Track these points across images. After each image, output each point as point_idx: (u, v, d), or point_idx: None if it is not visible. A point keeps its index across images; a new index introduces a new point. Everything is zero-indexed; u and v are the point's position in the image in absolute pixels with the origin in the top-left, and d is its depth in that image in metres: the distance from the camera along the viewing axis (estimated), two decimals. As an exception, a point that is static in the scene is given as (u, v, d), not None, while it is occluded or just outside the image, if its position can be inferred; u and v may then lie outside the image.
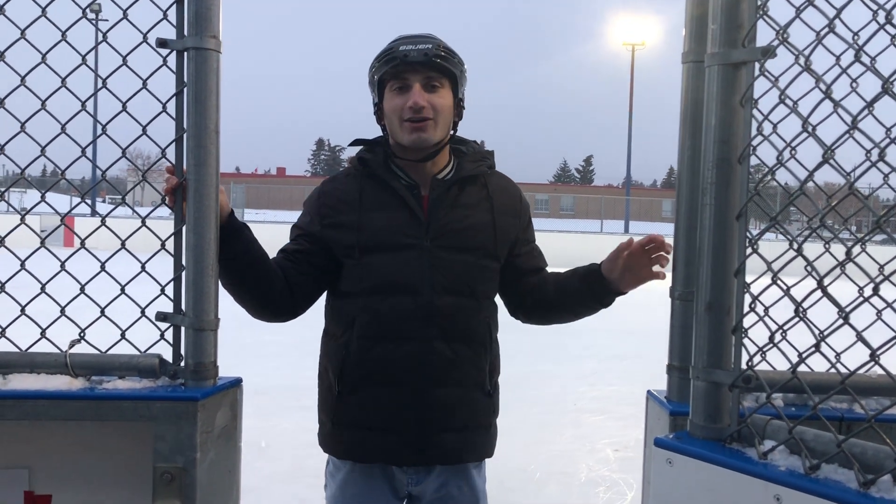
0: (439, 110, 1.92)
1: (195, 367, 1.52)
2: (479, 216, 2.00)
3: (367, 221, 1.95)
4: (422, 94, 1.89)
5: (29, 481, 1.55)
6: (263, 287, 1.88)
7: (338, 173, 2.10)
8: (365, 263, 1.93)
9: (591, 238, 24.67)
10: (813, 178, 1.27)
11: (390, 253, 1.93)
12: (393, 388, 1.93)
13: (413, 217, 1.94)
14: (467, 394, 1.98)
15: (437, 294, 1.91)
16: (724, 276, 1.27)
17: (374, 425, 1.94)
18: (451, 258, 1.94)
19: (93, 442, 1.56)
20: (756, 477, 1.13)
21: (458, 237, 1.96)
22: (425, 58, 1.87)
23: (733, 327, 1.27)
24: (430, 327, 1.91)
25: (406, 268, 1.91)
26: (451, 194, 1.99)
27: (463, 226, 1.97)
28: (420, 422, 1.92)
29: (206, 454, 1.47)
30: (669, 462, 1.26)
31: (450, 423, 1.95)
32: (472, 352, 1.97)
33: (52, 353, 1.53)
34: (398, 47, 1.89)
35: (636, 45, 39.88)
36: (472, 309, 1.98)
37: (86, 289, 1.56)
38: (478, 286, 1.99)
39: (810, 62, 1.21)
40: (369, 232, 1.94)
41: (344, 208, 1.98)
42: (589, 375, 7.67)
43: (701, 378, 1.29)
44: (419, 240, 1.93)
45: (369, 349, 1.93)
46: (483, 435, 2.03)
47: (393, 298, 1.92)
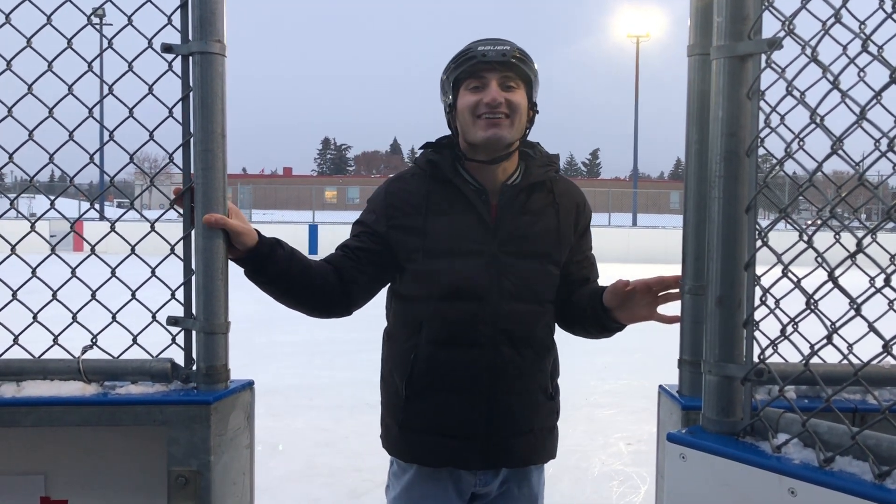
0: (515, 108, 1.91)
1: (207, 371, 1.52)
2: (546, 222, 2.00)
3: (432, 225, 1.94)
4: (499, 90, 1.89)
5: (45, 487, 1.56)
6: (309, 296, 1.89)
7: (403, 172, 2.09)
8: (430, 269, 1.93)
9: (599, 231, 24.54)
10: (822, 169, 1.27)
11: (457, 258, 1.92)
12: (462, 394, 1.94)
13: (480, 222, 1.94)
14: (532, 398, 2.00)
15: (504, 300, 1.92)
16: (735, 269, 1.26)
17: (442, 430, 1.96)
18: (517, 264, 1.94)
19: (107, 447, 1.57)
20: (770, 470, 1.13)
21: (525, 243, 1.96)
22: (503, 58, 1.88)
23: (744, 321, 1.26)
24: (497, 333, 1.93)
25: (473, 274, 1.92)
26: (519, 200, 1.98)
27: (530, 232, 1.97)
28: (488, 427, 1.94)
29: (219, 457, 1.47)
30: (682, 457, 1.25)
31: (516, 427, 1.97)
32: (536, 356, 2.00)
33: (64, 359, 1.54)
34: (476, 48, 1.90)
35: (641, 37, 39.75)
36: (537, 314, 1.99)
37: (97, 294, 1.56)
38: (542, 292, 2.00)
39: (817, 53, 1.20)
40: (435, 236, 1.93)
41: (410, 210, 1.96)
42: (601, 370, 7.66)
43: (713, 372, 1.28)
44: (486, 246, 1.93)
45: (438, 354, 1.94)
46: (547, 438, 2.06)
47: (460, 304, 1.92)
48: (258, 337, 8.89)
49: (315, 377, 7.09)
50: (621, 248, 22.84)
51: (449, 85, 1.96)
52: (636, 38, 39.64)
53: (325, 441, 5.20)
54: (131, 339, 1.59)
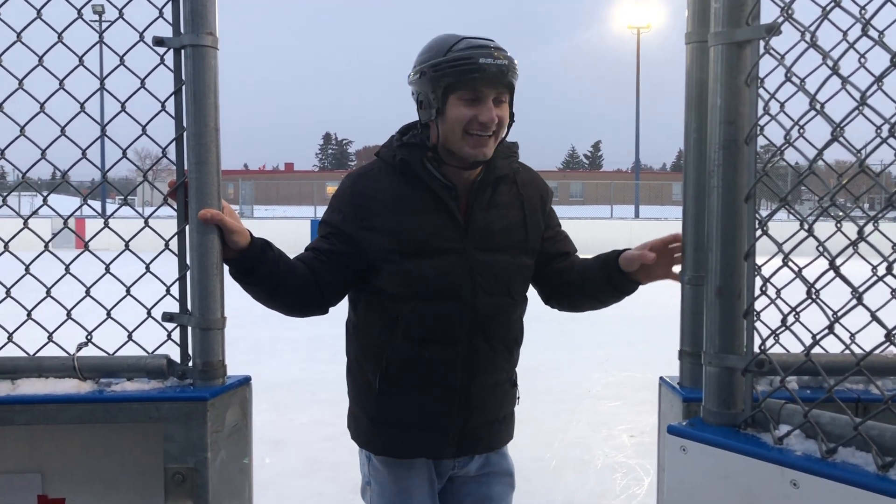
0: (502, 125, 1.91)
1: (203, 367, 1.51)
2: (513, 214, 2.01)
3: (405, 225, 1.92)
4: (493, 109, 1.86)
5: (42, 485, 1.55)
6: (291, 298, 1.88)
7: (368, 168, 2.03)
8: (406, 268, 1.91)
9: (602, 224, 24.57)
10: (822, 157, 1.25)
11: (432, 258, 1.92)
12: (437, 389, 1.97)
13: (452, 220, 1.93)
14: (501, 388, 2.07)
15: (479, 296, 1.94)
16: (734, 259, 1.24)
17: (415, 424, 1.99)
18: (489, 259, 1.95)
19: (104, 444, 1.56)
20: (772, 462, 1.12)
21: (495, 238, 1.97)
22: (502, 74, 1.84)
23: (745, 311, 1.24)
24: (473, 329, 1.95)
25: (448, 273, 1.92)
26: (486, 195, 1.98)
27: (499, 226, 1.98)
28: (462, 419, 1.99)
29: (216, 453, 1.46)
30: (683, 449, 1.24)
31: (488, 417, 2.04)
32: (506, 349, 2.04)
33: (59, 356, 1.53)
34: (477, 59, 1.82)
35: (641, 28, 39.62)
36: (510, 307, 2.02)
37: (92, 291, 1.55)
38: (514, 285, 2.01)
39: (816, 38, 1.18)
40: (409, 236, 1.91)
41: (380, 209, 1.93)
42: (603, 362, 7.65)
43: (713, 363, 1.27)
44: (459, 243, 1.93)
45: (414, 350, 1.94)
46: (509, 422, 2.15)
47: (438, 302, 1.92)
48: (261, 332, 8.89)
49: (318, 372, 7.08)
50: (624, 241, 22.61)
51: (438, 86, 1.87)
52: (637, 29, 39.52)
53: (329, 436, 5.19)
54: (126, 336, 1.58)
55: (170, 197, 1.55)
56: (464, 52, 1.85)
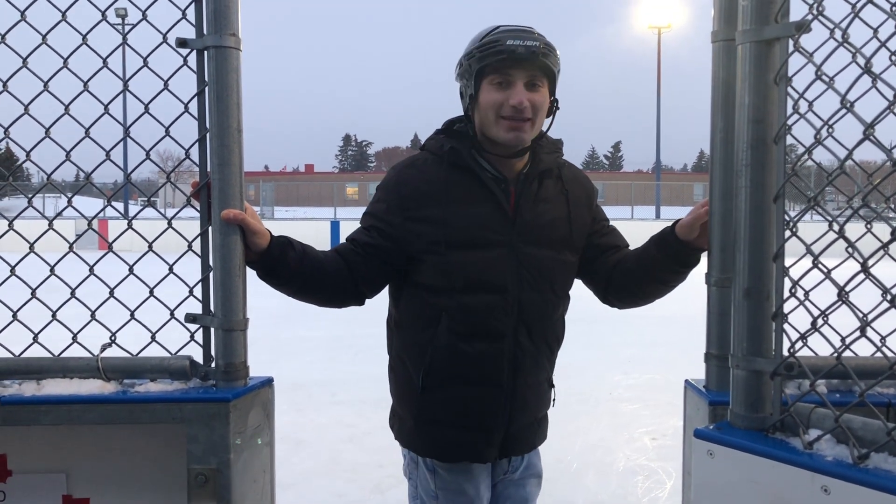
0: (538, 110, 1.88)
1: (226, 368, 1.51)
2: (558, 210, 1.99)
3: (453, 216, 1.89)
4: (525, 92, 1.84)
5: (67, 485, 1.56)
6: (322, 293, 1.89)
7: (414, 159, 2.01)
8: (451, 259, 1.88)
9: (622, 224, 24.24)
10: (852, 157, 1.23)
11: (479, 250, 1.89)
12: (481, 386, 1.93)
13: (500, 212, 1.91)
14: (541, 388, 2.05)
15: (524, 291, 1.91)
16: (763, 260, 1.22)
17: (459, 423, 1.95)
18: (535, 254, 1.93)
19: (127, 445, 1.56)
20: (802, 467, 1.09)
21: (541, 233, 1.94)
22: (532, 55, 1.81)
23: (773, 313, 1.22)
24: (518, 325, 1.92)
25: (495, 265, 1.89)
26: (533, 189, 1.96)
27: (544, 221, 1.95)
28: (508, 418, 1.96)
29: (239, 455, 1.46)
30: (710, 454, 1.22)
31: (530, 417, 2.03)
32: (549, 348, 2.02)
33: (83, 357, 1.53)
34: (505, 41, 1.82)
35: (662, 27, 39.39)
36: (553, 304, 1.99)
37: (116, 292, 1.56)
38: (559, 281, 1.99)
39: (847, 35, 1.16)
40: (456, 227, 1.88)
41: (427, 200, 1.90)
42: (624, 363, 7.60)
43: (741, 366, 1.25)
44: (506, 236, 1.90)
45: (458, 346, 1.90)
46: (545, 422, 2.14)
47: (483, 296, 1.89)
48: (281, 332, 8.92)
49: (339, 372, 7.10)
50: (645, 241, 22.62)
51: (471, 74, 1.88)
52: (658, 28, 39.29)
53: (349, 436, 5.20)
54: (150, 337, 1.58)
55: (193, 198, 1.56)
56: (494, 35, 1.86)
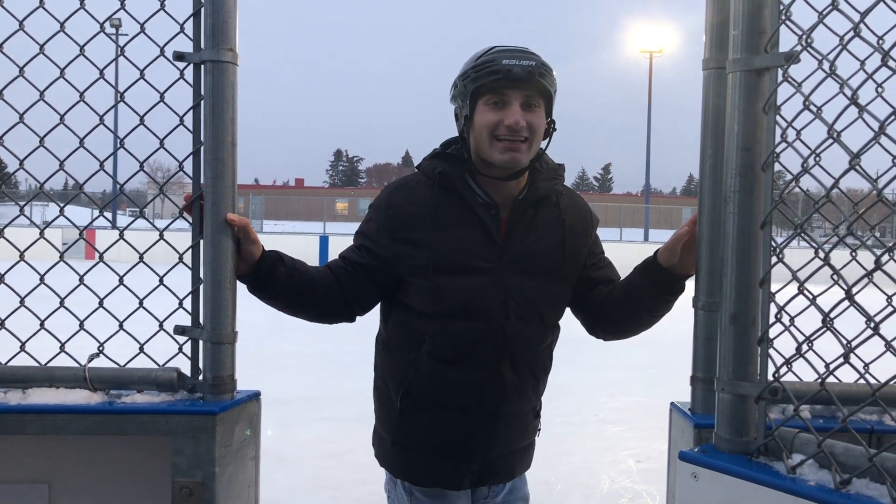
0: (535, 131, 1.84)
1: (213, 381, 1.51)
2: (552, 238, 1.93)
3: (440, 240, 1.86)
4: (521, 112, 1.81)
5: (49, 496, 1.55)
6: (312, 308, 1.88)
7: (407, 180, 1.98)
8: (437, 284, 1.85)
9: (611, 246, 24.31)
10: (839, 185, 1.25)
11: (465, 276, 1.86)
12: (460, 413, 1.90)
13: (489, 238, 1.87)
14: (524, 419, 1.99)
15: (509, 321, 1.87)
16: (749, 285, 1.24)
17: (436, 449, 1.92)
18: (523, 283, 1.88)
19: (112, 457, 1.56)
20: (784, 492, 1.10)
21: (533, 261, 1.90)
22: (528, 75, 1.78)
23: (759, 338, 1.24)
24: (500, 354, 1.88)
25: (480, 293, 1.86)
26: (527, 216, 1.92)
27: (536, 249, 1.91)
28: (485, 447, 1.92)
29: (224, 468, 1.46)
30: (695, 476, 1.23)
31: (510, 447, 1.97)
32: (534, 378, 1.97)
33: (71, 367, 1.53)
34: (500, 60, 1.79)
35: (654, 52, 39.77)
36: (541, 335, 1.95)
37: (105, 302, 1.56)
38: (547, 312, 1.94)
39: (835, 67, 1.18)
40: (443, 252, 1.86)
41: (416, 224, 1.88)
42: (610, 386, 7.60)
43: (726, 390, 1.26)
44: (494, 263, 1.87)
45: (439, 371, 1.88)
46: (529, 451, 2.08)
47: (467, 323, 1.86)
48: (266, 347, 8.88)
49: (323, 389, 7.06)
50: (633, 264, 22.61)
51: (466, 94, 1.86)
52: (650, 53, 39.67)
53: (332, 453, 5.17)
54: (138, 348, 1.58)
55: (185, 211, 1.56)
56: (489, 55, 1.83)
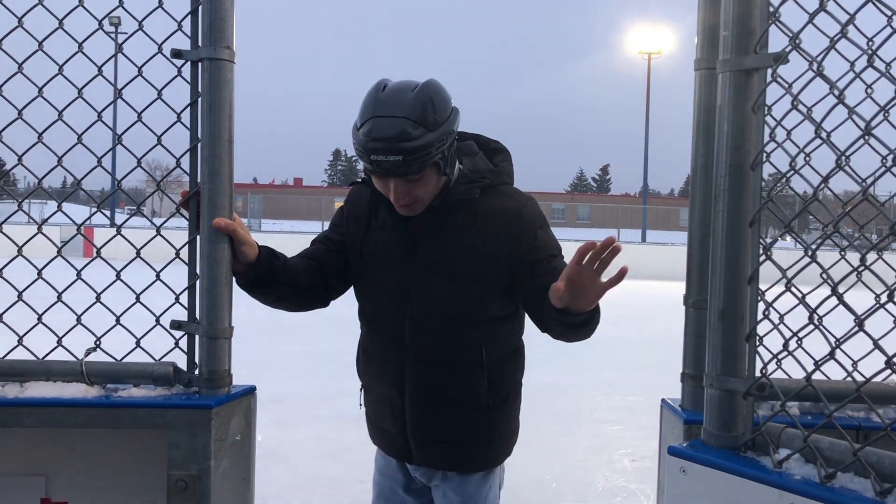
0: (422, 194, 1.84)
1: (209, 375, 1.53)
2: (466, 241, 1.91)
3: (369, 240, 2.00)
4: (403, 191, 1.81)
5: (46, 489, 1.56)
6: (296, 298, 1.98)
7: (365, 180, 2.02)
8: (362, 282, 2.03)
9: (608, 247, 24.49)
10: (828, 185, 1.26)
11: (382, 273, 1.98)
12: (382, 393, 2.06)
13: (404, 241, 1.95)
14: (453, 412, 1.99)
15: (414, 320, 1.94)
16: (738, 283, 1.26)
17: (375, 418, 2.13)
18: (434, 285, 1.91)
19: (108, 450, 1.57)
20: (770, 485, 1.12)
21: (443, 264, 1.92)
22: (395, 170, 1.75)
23: (747, 335, 1.25)
24: (402, 352, 1.97)
25: (391, 291, 1.96)
26: (437, 220, 1.92)
27: (447, 253, 1.92)
28: (404, 434, 2.04)
29: (220, 462, 1.47)
30: (683, 470, 1.25)
31: (431, 437, 2.02)
32: (453, 375, 1.96)
33: (67, 361, 1.54)
34: (369, 155, 1.73)
35: (652, 53, 39.79)
36: (451, 334, 1.94)
37: (102, 298, 1.57)
38: (459, 313, 1.92)
39: (823, 68, 1.20)
40: (369, 252, 1.99)
41: (356, 223, 2.04)
42: (605, 385, 7.62)
43: (715, 386, 1.28)
44: (406, 265, 1.94)
45: (370, 349, 2.08)
46: (476, 449, 2.04)
47: (379, 320, 2.03)
48: (262, 346, 8.89)
49: (319, 387, 7.07)
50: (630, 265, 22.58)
51: None
52: (648, 54, 39.70)
53: (328, 451, 5.18)
54: (135, 343, 1.59)
55: (182, 207, 1.58)
56: (363, 140, 1.75)
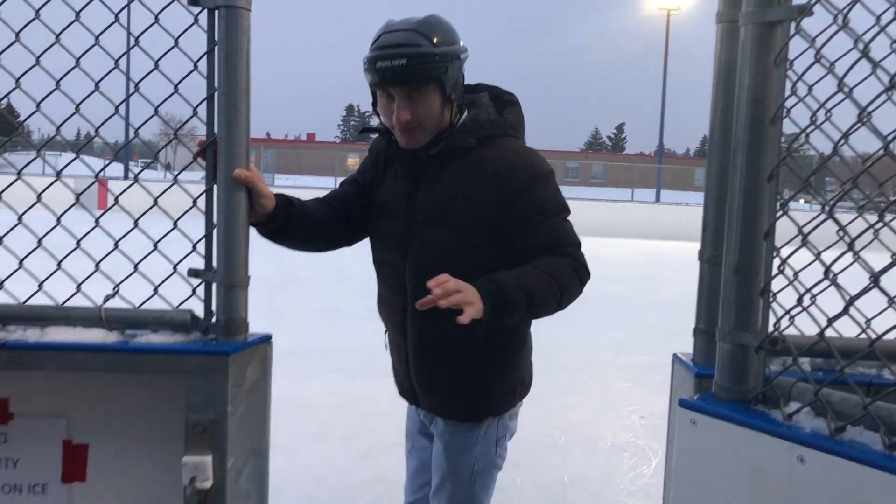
0: (424, 118, 1.87)
1: (226, 323, 1.55)
2: (459, 191, 1.92)
3: (378, 185, 2.06)
4: (405, 107, 1.84)
5: (67, 431, 1.60)
6: (317, 242, 2.05)
7: (380, 128, 2.07)
8: (372, 228, 2.08)
9: (622, 207, 24.45)
10: (848, 142, 1.25)
11: (386, 223, 2.03)
12: (393, 338, 2.13)
13: (406, 190, 2.00)
14: (448, 360, 2.02)
15: (414, 267, 1.97)
16: (753, 237, 1.25)
17: (394, 366, 2.19)
18: (428, 233, 1.95)
19: (128, 394, 1.60)
20: (780, 438, 1.14)
21: (438, 213, 1.94)
22: (402, 75, 1.79)
23: (761, 289, 1.26)
24: (404, 299, 2.02)
25: (393, 237, 2.01)
26: (434, 169, 1.95)
27: (441, 201, 1.93)
28: (410, 380, 2.11)
29: (236, 407, 1.50)
30: (693, 422, 1.26)
31: (430, 383, 2.08)
32: (449, 324, 1.86)
33: (87, 307, 1.57)
34: (375, 62, 1.80)
35: (671, 9, 39.05)
36: None
37: (120, 246, 1.59)
38: (452, 262, 1.84)
39: (848, 21, 1.18)
40: (378, 199, 2.05)
41: (372, 171, 2.10)
42: (616, 345, 7.66)
43: (727, 340, 1.29)
44: (407, 212, 1.99)
45: (381, 295, 2.14)
46: (467, 399, 2.05)
47: (385, 264, 2.06)
48: (276, 300, 8.97)
49: (334, 340, 7.15)
50: (644, 225, 22.62)
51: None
52: (667, 10, 38.96)
53: (341, 403, 5.26)
54: (152, 290, 1.61)
55: (199, 156, 1.58)
56: (371, 50, 1.84)
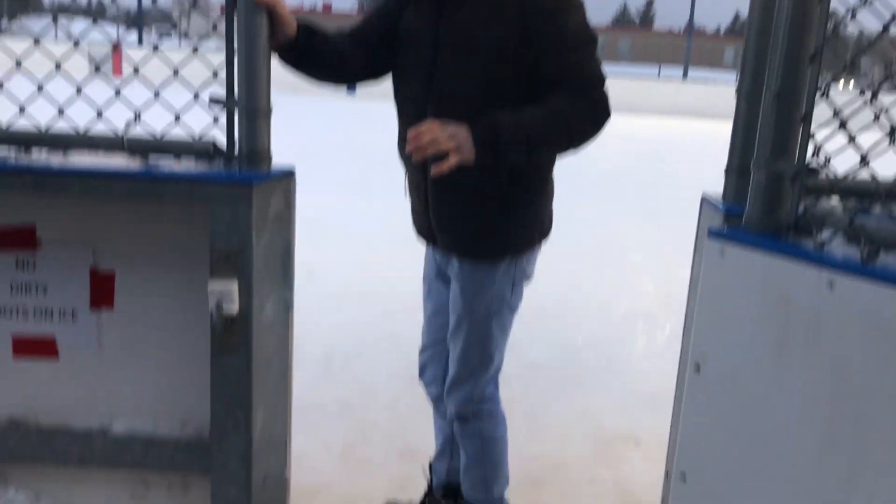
0: None
1: (249, 153, 1.53)
2: (481, 14, 1.83)
3: (402, 18, 1.95)
4: None
5: (93, 258, 1.62)
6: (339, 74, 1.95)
7: None
8: (396, 52, 1.96)
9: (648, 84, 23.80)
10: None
11: (408, 52, 1.92)
12: (413, 184, 2.02)
13: (432, 16, 1.88)
14: (468, 196, 1.94)
15: (434, 103, 1.86)
16: (798, 62, 1.20)
17: (413, 206, 2.10)
18: (451, 60, 1.86)
19: (153, 222, 1.61)
20: (811, 264, 1.12)
21: (462, 38, 1.85)
22: None
23: (802, 116, 1.21)
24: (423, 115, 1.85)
25: (413, 73, 1.91)
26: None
27: (466, 27, 1.85)
28: (428, 216, 2.01)
29: (261, 236, 1.51)
30: (722, 253, 1.25)
31: (447, 219, 1.98)
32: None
33: (109, 134, 1.55)
34: None
35: None
36: (469, 114, 1.79)
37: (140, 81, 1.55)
38: (477, 89, 1.83)
39: None
40: (402, 28, 1.94)
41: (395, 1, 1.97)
42: (635, 216, 7.63)
43: (762, 170, 1.25)
44: (430, 39, 1.87)
45: (399, 146, 2.00)
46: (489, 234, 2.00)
47: (406, 101, 1.96)
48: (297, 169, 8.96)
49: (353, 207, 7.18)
50: (670, 101, 22.12)
51: None
52: None
53: (361, 266, 5.33)
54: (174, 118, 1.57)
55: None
56: None
